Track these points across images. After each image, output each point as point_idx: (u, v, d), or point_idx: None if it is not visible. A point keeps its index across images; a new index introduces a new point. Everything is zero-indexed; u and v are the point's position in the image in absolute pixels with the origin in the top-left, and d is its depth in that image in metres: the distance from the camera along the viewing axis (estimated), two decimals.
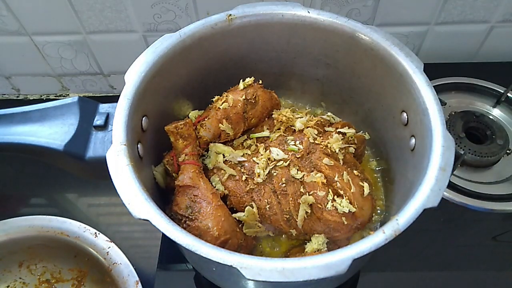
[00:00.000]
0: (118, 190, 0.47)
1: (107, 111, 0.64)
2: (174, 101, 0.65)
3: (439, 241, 0.73)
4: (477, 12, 0.82)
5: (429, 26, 0.85)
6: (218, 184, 0.59)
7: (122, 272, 0.64)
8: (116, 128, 0.51)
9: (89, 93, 0.98)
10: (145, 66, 0.56)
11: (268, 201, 0.57)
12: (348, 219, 0.56)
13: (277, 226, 0.58)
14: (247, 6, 0.62)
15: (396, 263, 0.70)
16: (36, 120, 0.63)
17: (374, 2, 0.79)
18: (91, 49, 0.86)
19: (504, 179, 0.77)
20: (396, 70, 0.57)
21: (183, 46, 0.60)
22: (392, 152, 0.64)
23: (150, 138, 0.59)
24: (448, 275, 0.69)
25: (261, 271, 0.41)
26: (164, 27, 0.82)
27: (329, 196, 0.56)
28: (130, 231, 0.77)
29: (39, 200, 0.84)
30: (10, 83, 0.96)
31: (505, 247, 0.70)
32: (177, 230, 0.44)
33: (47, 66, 0.91)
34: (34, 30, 0.82)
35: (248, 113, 0.64)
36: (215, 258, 0.42)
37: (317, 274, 0.41)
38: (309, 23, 0.62)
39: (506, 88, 0.85)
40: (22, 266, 0.70)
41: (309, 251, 0.56)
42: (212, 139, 0.63)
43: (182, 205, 0.56)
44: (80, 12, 0.79)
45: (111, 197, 0.82)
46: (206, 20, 0.61)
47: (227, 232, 0.54)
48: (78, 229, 0.67)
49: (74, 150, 0.61)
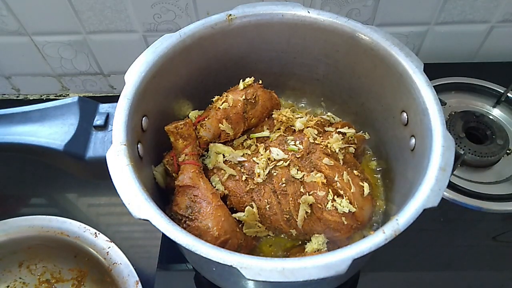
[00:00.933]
0: (118, 190, 0.47)
1: (107, 111, 0.64)
2: (174, 101, 0.65)
3: (439, 241, 0.73)
4: (477, 12, 0.82)
5: (429, 26, 0.85)
6: (218, 184, 0.59)
7: (122, 272, 0.64)
8: (116, 128, 0.51)
9: (89, 93, 0.98)
10: (145, 66, 0.56)
11: (268, 201, 0.57)
12: (348, 219, 0.56)
13: (277, 226, 0.58)
14: (247, 6, 0.62)
15: (396, 263, 0.70)
16: (36, 120, 0.63)
17: (374, 2, 0.79)
18: (91, 49, 0.86)
19: (504, 179, 0.77)
20: (396, 70, 0.57)
21: (183, 46, 0.60)
22: (392, 152, 0.64)
23: (150, 138, 0.59)
24: (448, 275, 0.69)
25: (261, 271, 0.41)
26: (164, 27, 0.82)
27: (329, 196, 0.56)
28: (130, 231, 0.77)
29: (39, 200, 0.84)
30: (10, 83, 0.96)
31: (505, 247, 0.70)
32: (177, 230, 0.44)
33: (47, 66, 0.91)
34: (34, 30, 0.82)
35: (248, 113, 0.64)
36: (215, 258, 0.42)
37: (317, 274, 0.41)
38: (309, 23, 0.62)
39: (506, 88, 0.85)
40: (22, 266, 0.70)
41: (309, 251, 0.56)
42: (212, 139, 0.63)
43: (182, 205, 0.56)
44: (80, 12, 0.79)
45: (111, 197, 0.82)
46: (206, 20, 0.61)
47: (227, 232, 0.54)
48: (78, 229, 0.67)
49: (74, 150, 0.61)
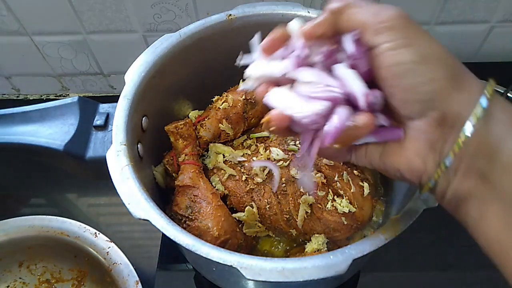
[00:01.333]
0: (118, 190, 0.47)
1: (107, 111, 0.64)
2: (174, 101, 0.65)
3: (439, 241, 0.72)
4: (477, 12, 0.82)
5: (429, 26, 0.85)
6: (218, 184, 0.59)
7: (122, 272, 0.64)
8: (116, 128, 0.51)
9: (89, 93, 0.98)
10: (145, 66, 0.56)
11: (268, 201, 0.57)
12: (348, 219, 0.56)
13: (277, 226, 0.58)
14: (247, 6, 0.62)
15: (396, 263, 0.70)
16: (36, 120, 0.63)
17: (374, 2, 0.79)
18: (91, 49, 0.86)
19: None
20: None
21: (183, 46, 0.60)
22: None
23: (150, 138, 0.59)
24: (448, 275, 0.69)
25: (261, 271, 0.41)
26: (164, 27, 0.82)
27: (329, 196, 0.56)
28: (130, 231, 0.77)
29: (39, 200, 0.84)
30: (10, 83, 0.96)
31: None
32: (177, 230, 0.44)
33: (47, 66, 0.91)
34: (34, 30, 0.82)
35: (248, 113, 0.64)
36: (215, 258, 0.42)
37: (317, 274, 0.41)
38: None
39: (506, 88, 0.84)
40: (22, 266, 0.70)
41: (309, 251, 0.56)
42: (212, 139, 0.63)
43: (182, 205, 0.56)
44: (80, 12, 0.79)
45: (111, 197, 0.81)
46: (206, 20, 0.61)
47: (227, 232, 0.54)
48: (78, 229, 0.67)
49: (74, 150, 0.61)
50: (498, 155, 0.30)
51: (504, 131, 0.31)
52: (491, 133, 0.31)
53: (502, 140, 0.30)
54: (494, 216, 0.31)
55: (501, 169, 0.30)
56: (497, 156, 0.30)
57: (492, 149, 0.31)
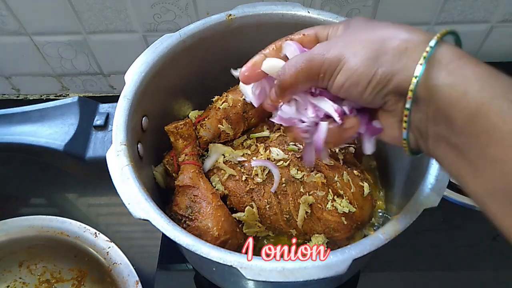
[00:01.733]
0: (118, 190, 0.47)
1: (107, 111, 0.64)
2: (174, 101, 0.65)
3: (439, 241, 0.73)
4: (477, 12, 0.82)
5: (429, 26, 0.85)
6: (218, 184, 0.59)
7: (122, 272, 0.64)
8: (116, 128, 0.51)
9: (89, 93, 0.98)
10: (145, 66, 0.56)
11: (268, 201, 0.57)
12: (348, 219, 0.56)
13: (277, 226, 0.58)
14: (247, 6, 0.62)
15: (396, 263, 0.70)
16: (36, 120, 0.63)
17: (374, 2, 0.79)
18: (91, 49, 0.86)
19: None
20: None
21: (183, 46, 0.60)
22: (392, 151, 0.64)
23: (150, 138, 0.59)
24: (448, 275, 0.69)
25: (261, 271, 0.41)
26: (164, 27, 0.82)
27: (329, 196, 0.56)
28: (130, 231, 0.77)
29: (39, 200, 0.84)
30: (10, 83, 0.96)
31: (505, 247, 0.70)
32: (177, 230, 0.44)
33: (47, 66, 0.91)
34: (34, 30, 0.82)
35: (248, 113, 0.64)
36: (215, 258, 0.42)
37: (317, 274, 0.41)
38: (309, 23, 0.61)
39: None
40: (22, 266, 0.70)
41: None
42: (212, 139, 0.63)
43: (182, 205, 0.56)
44: (80, 12, 0.79)
45: (111, 197, 0.81)
46: (206, 20, 0.61)
47: (227, 232, 0.54)
48: (78, 229, 0.67)
49: (74, 150, 0.61)
50: (453, 110, 0.32)
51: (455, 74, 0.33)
52: (440, 78, 0.32)
53: (455, 86, 0.32)
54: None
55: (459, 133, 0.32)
56: (453, 112, 0.32)
57: (448, 100, 0.32)
